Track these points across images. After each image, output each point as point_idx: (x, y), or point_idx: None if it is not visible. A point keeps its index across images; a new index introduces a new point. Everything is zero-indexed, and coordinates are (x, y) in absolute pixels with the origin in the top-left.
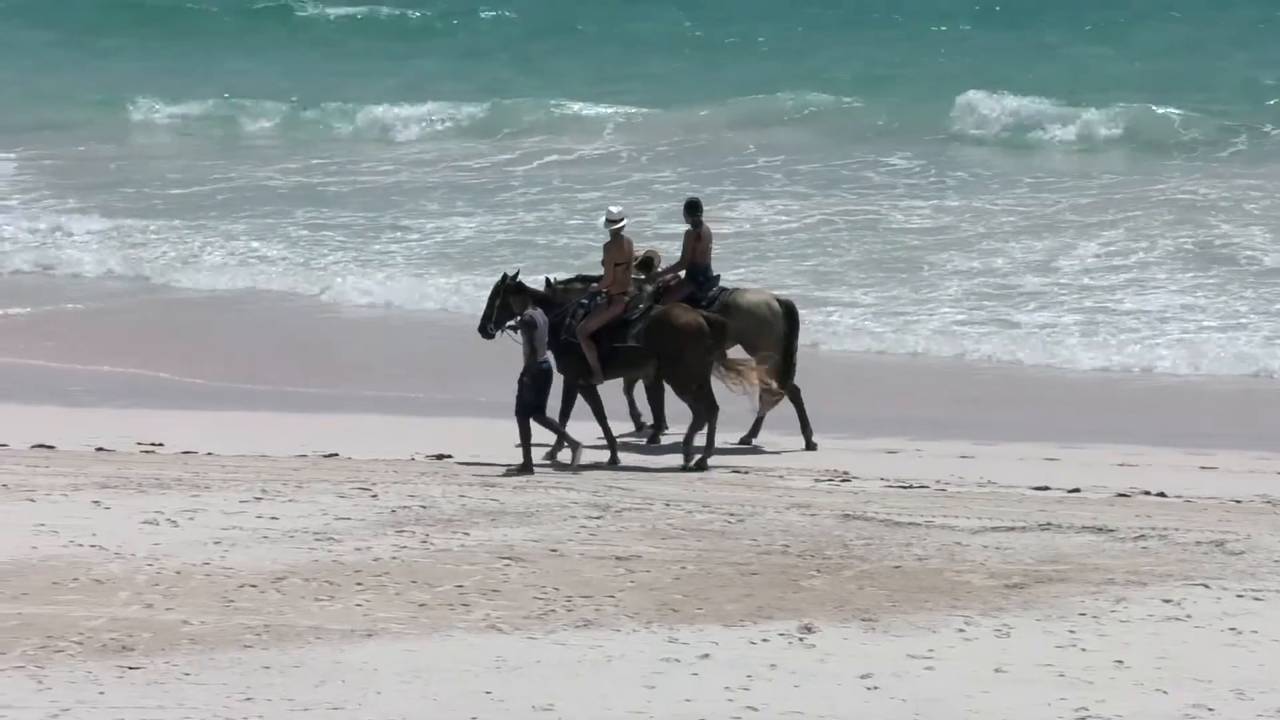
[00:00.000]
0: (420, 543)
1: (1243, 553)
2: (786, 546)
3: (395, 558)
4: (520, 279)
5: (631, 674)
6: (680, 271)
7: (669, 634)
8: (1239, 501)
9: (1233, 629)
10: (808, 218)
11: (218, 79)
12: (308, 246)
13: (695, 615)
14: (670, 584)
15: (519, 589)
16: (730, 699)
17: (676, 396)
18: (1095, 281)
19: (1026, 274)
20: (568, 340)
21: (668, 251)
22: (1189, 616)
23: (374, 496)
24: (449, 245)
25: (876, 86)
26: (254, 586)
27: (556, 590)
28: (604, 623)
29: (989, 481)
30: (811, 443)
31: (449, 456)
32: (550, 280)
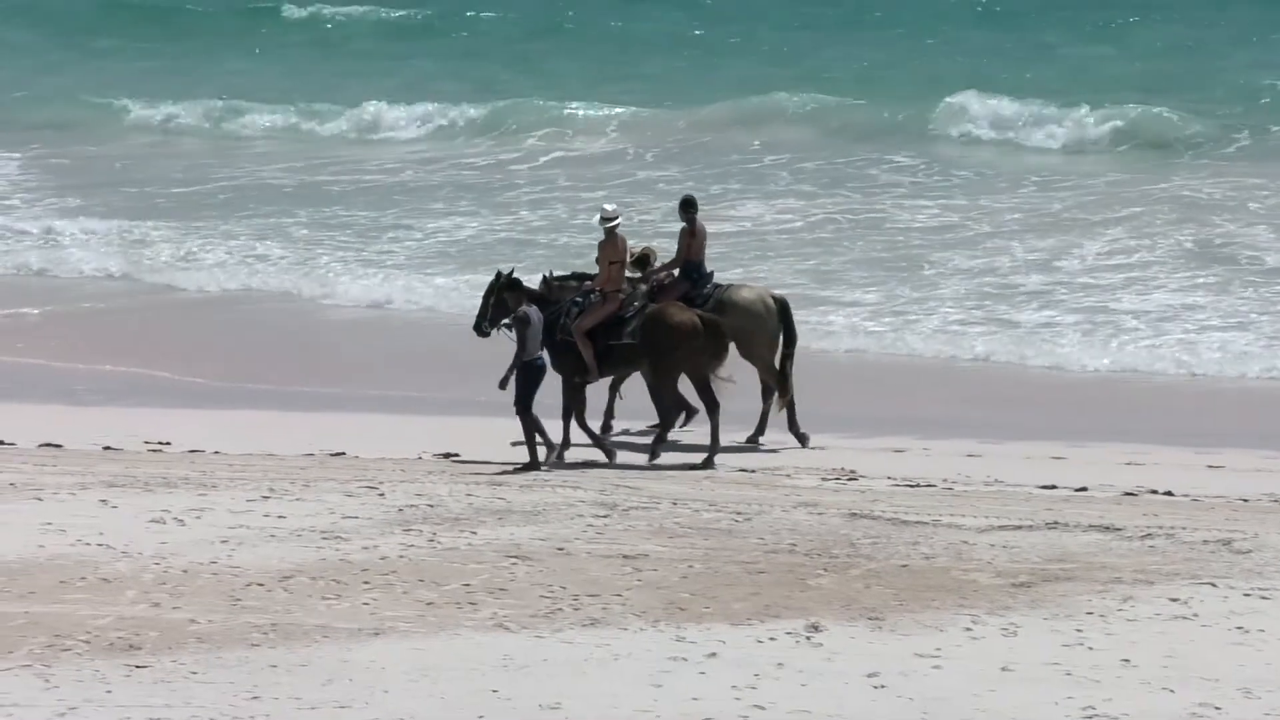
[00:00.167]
0: (427, 541)
1: (1250, 551)
2: (793, 545)
3: (402, 556)
4: (516, 276)
5: (638, 673)
6: (675, 269)
7: (676, 633)
8: (1246, 500)
9: (1240, 628)
10: (810, 216)
11: (217, 79)
12: (308, 246)
13: (702, 614)
14: (677, 583)
15: (526, 588)
16: (737, 698)
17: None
18: (1097, 281)
19: (1029, 273)
20: (563, 338)
21: (665, 249)
22: (1196, 615)
23: (381, 495)
24: (450, 245)
25: (877, 86)
26: (261, 585)
27: (563, 589)
28: (611, 621)
29: (996, 480)
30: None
31: (456, 455)
32: (548, 275)
